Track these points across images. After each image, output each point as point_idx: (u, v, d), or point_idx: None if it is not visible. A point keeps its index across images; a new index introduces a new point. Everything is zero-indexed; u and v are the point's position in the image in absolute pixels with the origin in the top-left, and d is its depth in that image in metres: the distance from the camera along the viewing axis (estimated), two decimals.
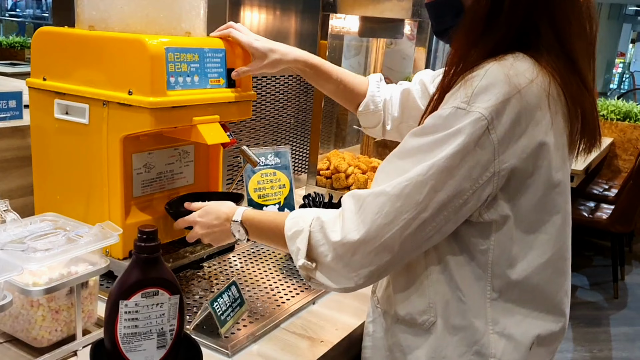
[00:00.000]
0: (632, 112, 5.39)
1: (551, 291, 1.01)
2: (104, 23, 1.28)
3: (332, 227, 0.98)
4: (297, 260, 1.02)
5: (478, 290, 0.98)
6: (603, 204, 4.53)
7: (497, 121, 0.87)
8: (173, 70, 1.23)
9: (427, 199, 0.90)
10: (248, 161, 1.52)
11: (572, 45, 0.93)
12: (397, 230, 0.92)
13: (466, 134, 0.87)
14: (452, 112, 0.89)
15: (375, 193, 0.94)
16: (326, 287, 1.03)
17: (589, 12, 0.95)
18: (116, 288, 0.94)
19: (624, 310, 3.97)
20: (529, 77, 0.89)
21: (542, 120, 0.90)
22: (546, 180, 0.94)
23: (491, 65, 0.90)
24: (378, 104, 1.42)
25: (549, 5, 0.91)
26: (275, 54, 1.37)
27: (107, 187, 1.29)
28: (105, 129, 1.27)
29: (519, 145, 0.89)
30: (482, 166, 0.89)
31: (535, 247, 0.97)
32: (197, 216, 1.24)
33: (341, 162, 2.16)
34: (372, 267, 0.96)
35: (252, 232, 1.16)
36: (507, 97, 0.87)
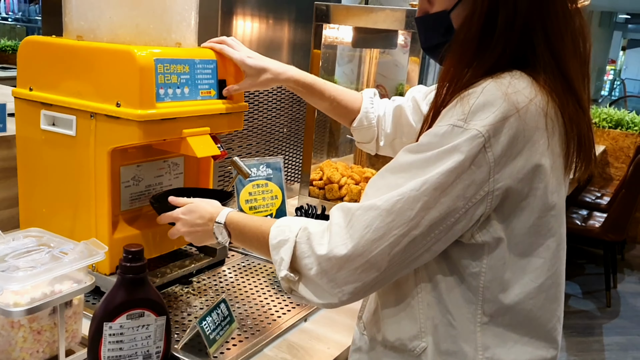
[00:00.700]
0: (624, 120, 5.42)
1: (544, 318, 0.98)
2: (92, 33, 1.25)
3: (319, 239, 0.95)
4: (280, 271, 0.98)
5: (468, 315, 0.95)
6: (595, 212, 4.53)
7: (495, 139, 0.85)
8: (162, 82, 1.20)
9: (419, 216, 0.88)
10: (239, 172, 1.50)
11: (567, 64, 0.91)
12: (386, 247, 0.89)
13: (462, 151, 0.85)
14: (449, 129, 0.87)
15: (365, 207, 0.91)
16: (308, 301, 0.98)
17: (582, 31, 0.94)
18: (100, 309, 0.91)
19: (617, 319, 3.97)
20: (527, 95, 0.87)
21: (540, 141, 0.88)
22: (542, 202, 0.92)
23: (488, 83, 0.88)
24: (372, 120, 1.40)
25: (544, 24, 0.90)
26: (267, 73, 1.34)
27: (94, 201, 1.26)
28: (93, 142, 1.24)
29: (514, 165, 0.87)
30: (476, 185, 0.86)
31: (528, 272, 0.95)
32: (180, 213, 1.20)
33: (334, 173, 2.14)
34: (358, 283, 0.92)
35: (235, 236, 1.13)
36: (506, 116, 0.85)
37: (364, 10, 1.82)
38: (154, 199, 1.33)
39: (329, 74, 2.57)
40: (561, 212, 0.97)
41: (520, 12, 0.88)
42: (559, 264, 0.98)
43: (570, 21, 0.91)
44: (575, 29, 0.92)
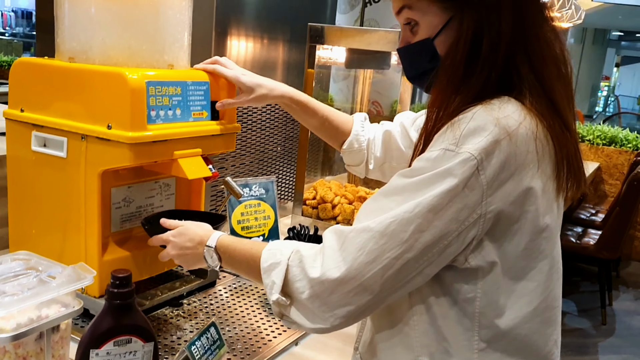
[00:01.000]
0: (618, 137, 5.44)
1: (540, 342, 0.98)
2: (84, 55, 1.25)
3: (312, 262, 0.94)
4: (271, 295, 0.96)
5: (465, 342, 0.94)
6: (590, 229, 4.53)
7: (487, 162, 0.85)
8: (154, 104, 1.20)
9: (413, 239, 0.87)
10: (231, 193, 1.49)
11: (552, 86, 0.93)
12: (379, 270, 0.89)
13: (456, 175, 0.85)
14: (440, 154, 0.87)
15: (358, 229, 0.91)
16: (299, 326, 0.97)
17: (563, 55, 0.95)
18: (87, 336, 0.90)
19: (612, 337, 3.95)
20: (517, 119, 0.88)
21: (530, 164, 0.89)
22: (533, 225, 0.92)
23: (478, 109, 0.89)
24: (362, 143, 1.41)
25: (527, 49, 0.91)
26: (262, 89, 1.34)
27: (84, 222, 1.26)
28: (84, 163, 1.23)
29: (506, 188, 0.87)
30: (469, 208, 0.87)
31: (522, 296, 0.94)
32: (171, 235, 1.20)
33: (327, 192, 2.14)
34: (350, 307, 0.91)
35: (225, 260, 1.12)
36: (497, 140, 0.85)
37: (357, 32, 1.83)
38: (145, 221, 1.32)
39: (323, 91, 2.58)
40: (553, 234, 0.97)
41: (504, 37, 0.90)
42: (552, 287, 0.98)
43: (551, 45, 0.93)
44: (557, 53, 0.94)
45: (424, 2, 0.95)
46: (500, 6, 0.89)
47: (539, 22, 0.93)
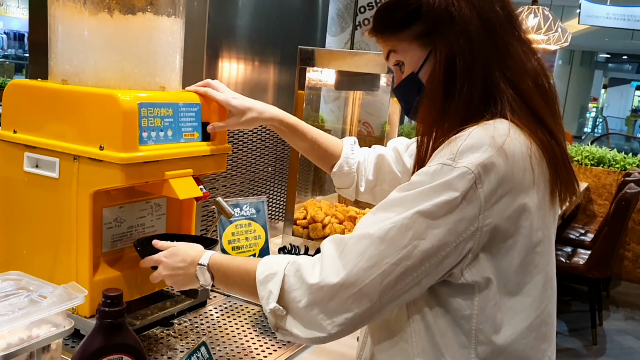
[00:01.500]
0: (606, 157, 5.50)
1: (535, 358, 1.00)
2: (77, 77, 1.27)
3: (310, 270, 0.96)
4: (268, 304, 0.98)
5: (462, 358, 0.96)
6: (580, 249, 4.56)
7: (485, 177, 0.89)
8: (146, 125, 1.22)
9: (411, 245, 0.90)
10: (222, 213, 1.50)
11: (532, 98, 0.98)
12: (378, 276, 0.90)
13: (455, 188, 0.89)
14: (438, 168, 0.91)
15: (358, 236, 0.93)
16: (295, 338, 0.98)
17: (542, 70, 1.01)
18: (78, 355, 0.90)
19: (603, 357, 3.96)
20: (512, 138, 0.92)
21: (526, 181, 0.92)
22: (528, 240, 0.95)
23: (474, 128, 0.93)
24: (352, 166, 1.43)
25: (502, 66, 0.97)
26: (252, 112, 1.37)
27: (75, 243, 1.26)
28: (75, 184, 1.24)
29: (502, 204, 0.91)
30: (467, 221, 0.90)
31: (518, 311, 0.96)
32: (163, 256, 1.21)
33: (318, 212, 2.15)
34: (349, 314, 0.93)
35: (218, 278, 1.13)
36: (494, 157, 0.89)
37: (346, 55, 1.86)
38: (137, 242, 1.33)
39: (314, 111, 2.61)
40: (547, 249, 0.99)
41: (477, 57, 0.96)
42: (547, 302, 1.00)
43: (526, 61, 0.99)
44: (535, 68, 1.00)
45: (405, 43, 1.04)
46: (469, 30, 0.96)
47: (511, 40, 0.99)
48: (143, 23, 1.27)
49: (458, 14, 0.96)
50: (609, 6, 7.82)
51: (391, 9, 1.04)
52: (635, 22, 7.88)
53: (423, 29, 1.00)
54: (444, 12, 0.97)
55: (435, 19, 0.98)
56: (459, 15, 0.96)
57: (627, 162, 5.41)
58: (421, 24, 1.00)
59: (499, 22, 0.98)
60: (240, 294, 1.13)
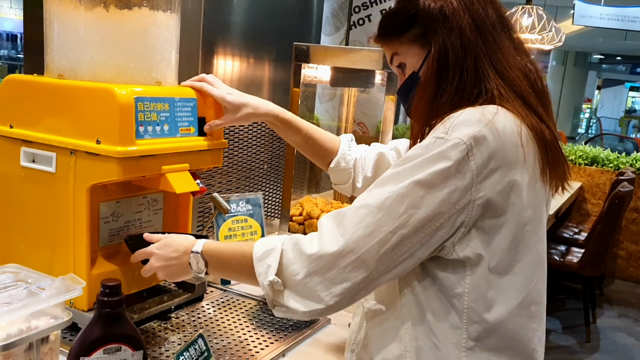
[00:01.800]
0: (599, 157, 5.54)
1: (526, 338, 1.02)
2: (73, 72, 1.28)
3: (309, 242, 0.99)
4: (267, 277, 0.99)
5: (454, 339, 0.98)
6: (573, 248, 4.59)
7: (477, 149, 0.92)
8: (142, 120, 1.23)
9: (407, 214, 0.93)
10: (219, 208, 1.52)
11: (521, 89, 1.02)
12: (376, 244, 0.94)
13: (448, 158, 0.92)
14: (432, 141, 0.95)
15: (356, 206, 0.97)
16: (292, 313, 1.00)
17: (533, 67, 1.06)
18: (77, 344, 0.91)
19: (597, 354, 3.98)
20: (502, 116, 0.96)
21: (517, 158, 0.96)
22: (518, 218, 0.97)
23: (467, 109, 0.98)
24: (349, 162, 1.45)
25: (492, 59, 1.02)
26: (247, 107, 1.38)
27: (72, 237, 1.27)
28: (72, 178, 1.25)
29: (494, 178, 0.94)
30: (460, 192, 0.93)
31: (509, 290, 0.99)
32: (155, 248, 1.22)
33: (314, 209, 2.16)
34: (347, 284, 0.95)
35: (212, 263, 1.14)
36: (484, 131, 0.93)
37: (342, 51, 1.87)
38: (128, 237, 1.33)
39: (309, 111, 2.62)
40: (537, 228, 1.02)
41: (469, 51, 1.01)
42: (537, 280, 1.03)
43: (516, 56, 1.05)
44: (525, 64, 1.05)
45: (406, 46, 1.11)
46: (461, 27, 1.03)
47: (502, 38, 1.05)
48: (139, 18, 1.28)
49: (451, 13, 1.03)
50: (603, 6, 7.87)
51: (393, 16, 1.12)
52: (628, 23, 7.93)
53: (421, 30, 1.07)
54: (438, 12, 1.04)
55: (430, 19, 1.05)
56: (452, 14, 1.03)
57: (621, 162, 5.45)
58: (419, 27, 1.07)
59: (490, 22, 1.05)
60: (235, 277, 1.15)
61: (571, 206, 5.53)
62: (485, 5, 1.06)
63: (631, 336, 4.30)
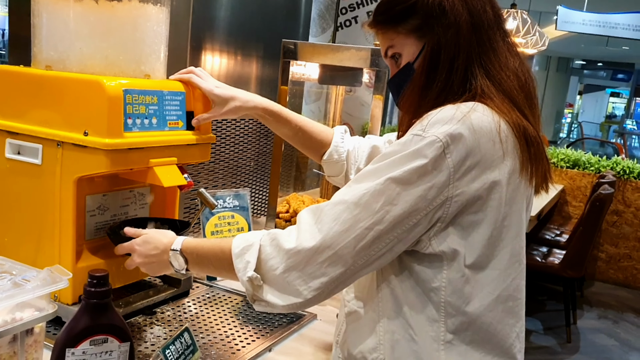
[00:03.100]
0: (581, 160, 5.61)
1: (503, 333, 1.02)
2: (61, 64, 1.27)
3: (287, 237, 0.99)
4: (246, 273, 1.00)
5: (432, 333, 0.99)
6: (555, 249, 4.64)
7: (454, 146, 0.93)
8: (131, 112, 1.22)
9: (384, 210, 0.94)
10: (205, 204, 1.51)
11: (510, 89, 1.03)
12: (353, 240, 0.94)
13: (425, 155, 0.93)
14: (409, 138, 0.96)
15: (333, 202, 0.98)
16: (272, 307, 1.01)
17: (524, 69, 1.07)
18: (63, 335, 0.91)
19: (577, 354, 4.03)
20: (480, 113, 0.97)
21: (495, 155, 0.96)
22: (496, 214, 0.98)
23: (445, 107, 0.99)
24: (342, 154, 1.46)
25: (483, 60, 1.03)
26: (236, 101, 1.38)
27: (58, 230, 1.26)
28: (59, 170, 1.24)
29: (472, 176, 0.95)
30: (437, 188, 0.93)
31: (485, 284, 0.99)
32: (135, 244, 1.22)
33: (300, 206, 2.16)
34: (324, 278, 0.96)
35: (192, 260, 1.14)
36: (461, 129, 0.94)
37: (330, 49, 1.88)
38: (110, 230, 1.32)
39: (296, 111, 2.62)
40: (515, 222, 1.02)
41: (462, 49, 1.02)
42: (514, 276, 1.03)
43: (509, 59, 1.05)
44: (516, 66, 1.05)
45: (402, 36, 1.09)
46: (458, 24, 1.02)
47: (496, 39, 1.05)
48: (129, 10, 1.28)
49: (450, 8, 1.03)
50: (585, 13, 7.97)
51: (391, 4, 1.10)
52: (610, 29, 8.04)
53: (418, 22, 1.06)
54: (437, 6, 1.03)
55: (429, 13, 1.04)
56: (451, 9, 1.03)
57: (602, 165, 5.52)
58: (417, 18, 1.06)
59: (487, 21, 1.04)
60: (215, 273, 1.16)
61: (553, 208, 5.59)
62: (484, 3, 1.05)
63: (611, 337, 4.36)
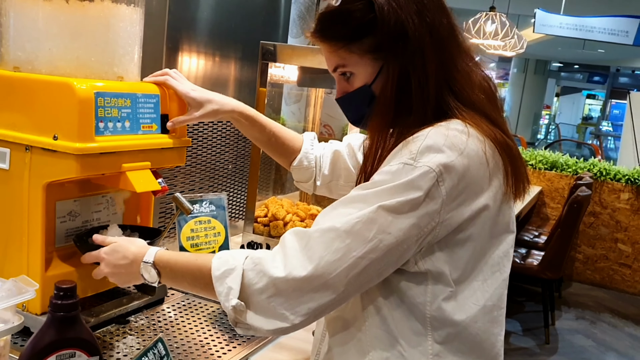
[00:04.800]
0: (558, 162, 5.66)
1: (489, 342, 1.02)
2: (30, 65, 1.23)
3: (272, 263, 0.94)
4: (229, 301, 0.95)
5: (419, 346, 0.97)
6: (534, 250, 4.67)
7: (447, 175, 0.91)
8: (102, 115, 1.18)
9: (377, 239, 0.91)
10: (181, 209, 1.47)
11: (483, 107, 1.01)
12: (345, 269, 0.91)
13: (419, 187, 0.90)
14: (400, 167, 0.92)
15: (323, 229, 0.93)
16: (256, 331, 0.97)
17: (486, 79, 1.05)
18: (28, 350, 0.87)
19: (555, 355, 4.05)
20: (466, 136, 0.95)
21: (484, 177, 0.95)
22: (482, 232, 0.97)
23: (429, 130, 0.95)
24: (311, 161, 1.44)
25: (449, 80, 0.99)
26: (212, 104, 1.35)
27: (26, 237, 1.22)
28: (27, 175, 1.20)
29: (462, 199, 0.93)
30: (429, 215, 0.91)
31: (469, 296, 0.98)
32: (103, 252, 1.17)
33: (279, 210, 2.13)
34: (312, 304, 0.93)
35: (165, 274, 1.09)
36: (453, 157, 0.91)
37: (309, 51, 1.85)
38: (77, 237, 1.28)
39: (275, 113, 2.59)
40: (499, 233, 1.01)
41: (431, 74, 0.98)
42: (497, 286, 1.02)
43: (470, 72, 1.02)
44: (478, 76, 1.03)
45: (356, 56, 1.02)
46: (422, 48, 0.97)
47: (456, 53, 1.02)
48: (101, 10, 1.24)
49: (412, 32, 0.97)
50: (563, 16, 8.06)
51: (341, 18, 1.01)
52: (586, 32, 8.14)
53: (376, 42, 0.99)
54: (399, 28, 0.97)
55: (389, 35, 0.98)
56: (414, 33, 0.97)
57: (579, 167, 5.58)
58: (374, 38, 0.99)
59: (446, 36, 1.00)
60: (190, 289, 1.10)
61: (531, 210, 5.63)
62: (440, 16, 1.00)
63: (588, 338, 4.40)
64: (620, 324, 4.73)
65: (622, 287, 5.47)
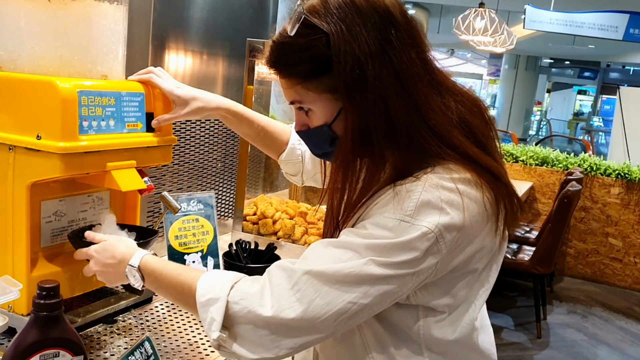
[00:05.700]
0: (549, 157, 5.68)
1: (485, 349, 1.04)
2: (12, 64, 1.22)
3: (259, 300, 0.91)
4: (211, 332, 0.92)
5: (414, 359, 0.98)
6: (525, 246, 4.69)
7: (447, 233, 0.88)
8: (86, 114, 1.18)
9: (370, 290, 0.89)
10: (168, 207, 1.47)
11: (466, 150, 0.93)
12: (334, 313, 0.89)
13: (418, 248, 0.87)
14: (396, 224, 0.88)
15: (313, 273, 0.89)
16: (239, 357, 0.94)
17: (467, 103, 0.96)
18: (10, 350, 0.86)
19: (547, 349, 4.07)
20: (462, 186, 0.90)
21: (482, 225, 0.93)
22: (474, 268, 0.97)
23: (425, 181, 0.89)
24: (298, 155, 1.44)
25: (425, 121, 0.91)
26: (197, 101, 1.34)
27: (11, 237, 1.21)
28: (11, 175, 1.19)
29: (460, 248, 0.91)
30: (428, 267, 0.90)
31: (461, 316, 0.98)
32: (93, 250, 1.16)
33: (268, 208, 2.13)
34: (300, 340, 0.91)
35: (149, 281, 1.08)
36: (452, 213, 0.88)
37: None
38: (72, 233, 1.28)
39: (264, 110, 2.59)
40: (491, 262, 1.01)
41: (396, 122, 0.89)
42: (485, 296, 1.03)
43: (446, 110, 0.93)
44: (465, 109, 0.94)
45: (313, 94, 0.94)
46: (385, 96, 0.88)
47: (429, 92, 0.92)
48: (84, 8, 1.23)
49: (373, 78, 0.87)
50: (553, 12, 8.09)
51: (296, 52, 0.91)
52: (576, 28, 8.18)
53: (333, 84, 0.90)
54: (358, 74, 0.87)
55: (346, 80, 0.88)
56: (374, 79, 0.87)
57: (569, 162, 5.60)
58: (331, 79, 0.90)
59: (417, 75, 0.90)
60: (172, 301, 1.07)
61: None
62: (409, 51, 0.89)
63: (580, 332, 4.42)
64: (612, 317, 4.76)
65: (613, 281, 5.50)
